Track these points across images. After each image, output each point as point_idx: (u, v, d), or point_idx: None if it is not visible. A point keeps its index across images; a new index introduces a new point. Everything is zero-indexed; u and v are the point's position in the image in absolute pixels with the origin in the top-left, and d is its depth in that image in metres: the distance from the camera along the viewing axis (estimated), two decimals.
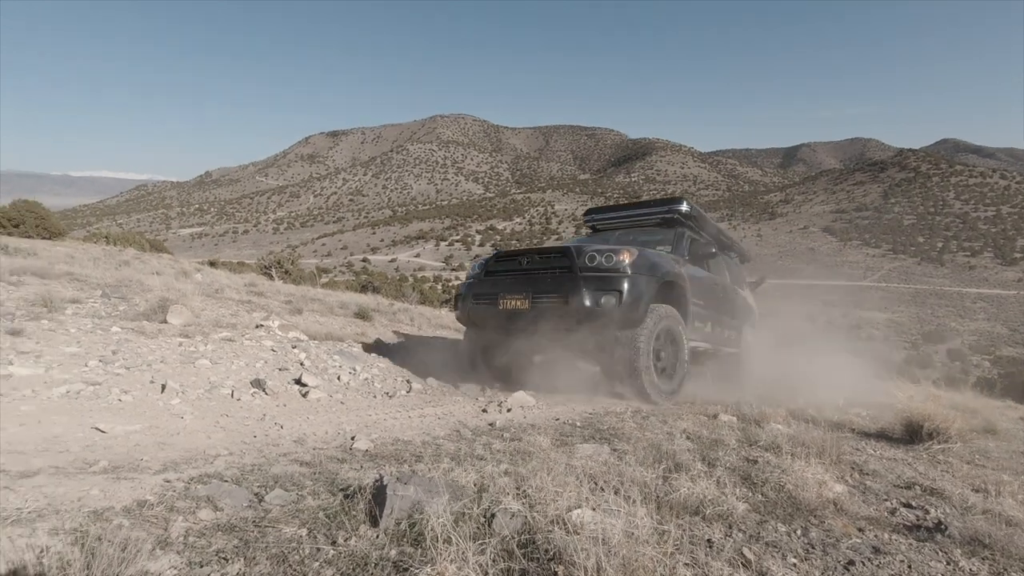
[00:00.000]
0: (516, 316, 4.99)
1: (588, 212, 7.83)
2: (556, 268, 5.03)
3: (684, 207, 6.71)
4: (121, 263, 9.92)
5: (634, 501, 1.87)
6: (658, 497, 2.09)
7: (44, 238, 14.66)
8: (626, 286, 4.67)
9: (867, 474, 2.90)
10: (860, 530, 2.10)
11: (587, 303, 4.65)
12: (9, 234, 14.05)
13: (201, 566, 1.40)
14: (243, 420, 3.01)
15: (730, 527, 1.99)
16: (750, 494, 2.46)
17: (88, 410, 2.91)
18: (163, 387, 3.55)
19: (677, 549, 1.60)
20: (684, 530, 1.76)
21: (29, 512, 1.51)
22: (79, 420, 2.64)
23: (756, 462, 2.98)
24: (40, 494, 1.62)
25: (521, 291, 5.02)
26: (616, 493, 1.95)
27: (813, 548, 1.87)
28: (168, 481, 1.86)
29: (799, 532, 2.04)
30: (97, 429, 2.50)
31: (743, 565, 1.67)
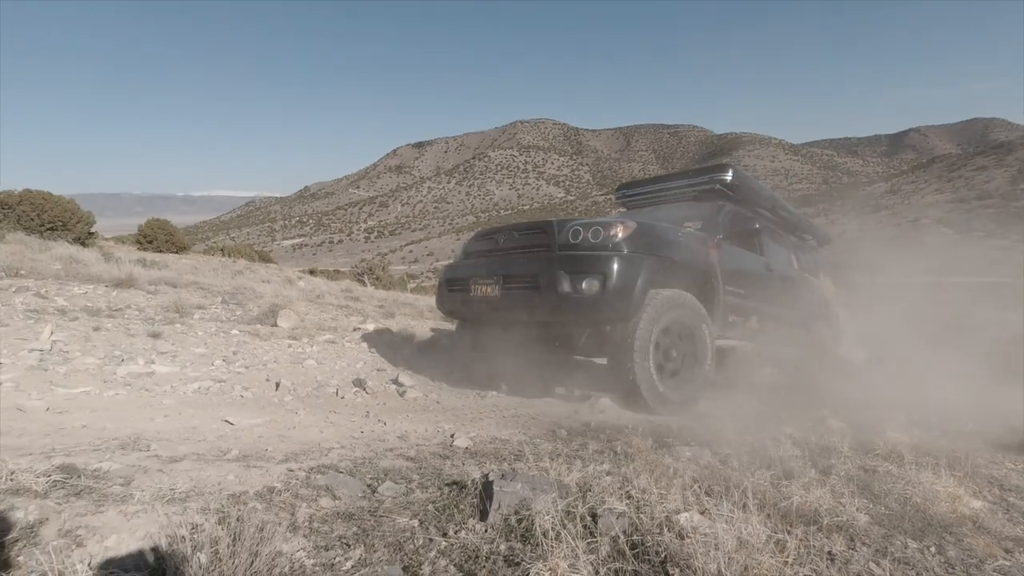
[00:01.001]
0: (487, 304, 4.16)
1: (620, 187, 6.74)
2: (533, 247, 4.13)
3: (728, 176, 5.56)
4: (235, 272, 10.84)
5: (745, 507, 1.79)
6: (769, 504, 1.98)
7: (172, 252, 16.36)
8: (615, 267, 3.69)
9: (1008, 489, 2.61)
10: (1007, 551, 1.89)
11: (563, 288, 3.73)
12: (144, 249, 15.81)
13: (326, 549, 1.50)
14: (349, 416, 3.19)
15: (852, 540, 1.86)
16: (871, 505, 2.29)
17: (217, 404, 3.21)
18: (277, 385, 3.84)
19: (796, 560, 1.52)
20: (801, 540, 1.66)
21: (180, 493, 1.68)
22: (211, 413, 2.91)
23: (875, 471, 2.76)
24: (187, 477, 1.80)
25: (492, 275, 4.15)
26: (724, 499, 1.88)
27: (953, 568, 1.70)
28: (291, 470, 2.00)
29: (933, 550, 1.86)
30: (227, 422, 2.75)
31: None
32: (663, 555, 1.45)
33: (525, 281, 3.94)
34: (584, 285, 3.70)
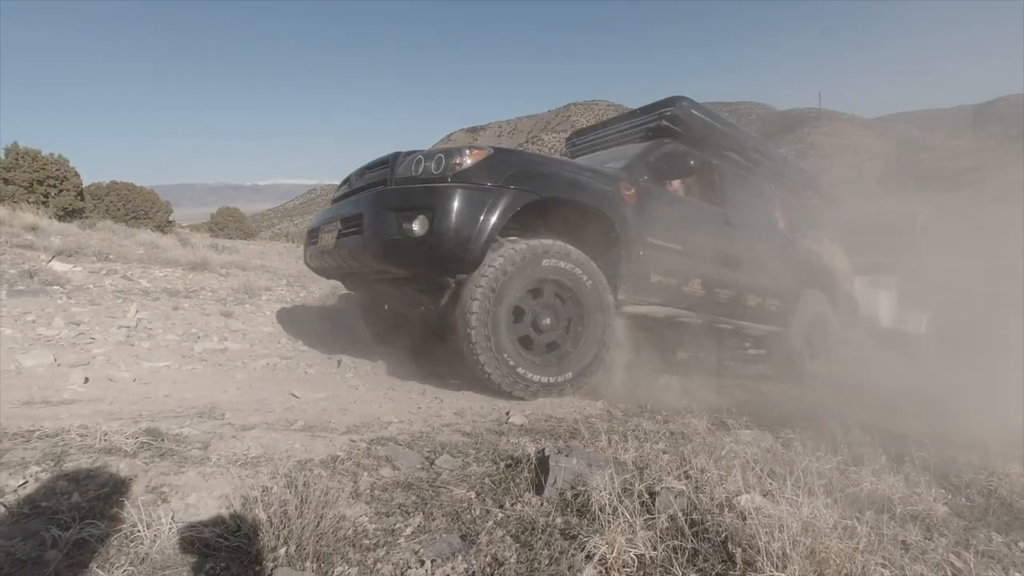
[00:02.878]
0: (328, 257, 3.58)
1: (569, 137, 5.96)
2: (373, 185, 3.43)
3: (673, 110, 4.56)
4: (298, 257, 11.30)
5: (811, 491, 1.72)
6: (836, 490, 1.90)
7: (241, 238, 17.25)
8: (448, 202, 2.92)
9: None
10: None
11: (385, 230, 3.02)
12: (216, 236, 16.75)
13: (387, 516, 1.55)
14: (407, 393, 3.27)
15: (928, 530, 1.76)
16: (950, 496, 2.16)
17: (283, 379, 3.37)
18: (339, 362, 3.99)
19: (868, 547, 1.44)
20: (872, 528, 1.58)
21: (252, 458, 1.78)
22: (278, 387, 3.06)
23: (955, 461, 2.60)
24: (258, 444, 1.90)
25: (331, 221, 3.61)
26: (787, 481, 1.81)
27: None
28: (353, 441, 2.08)
29: (1023, 545, 1.74)
30: (293, 395, 2.88)
31: (952, 574, 1.46)
32: (724, 535, 1.42)
33: (353, 224, 3.29)
34: (409, 225, 2.95)
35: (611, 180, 3.70)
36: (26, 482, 1.41)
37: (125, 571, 1.17)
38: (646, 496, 1.61)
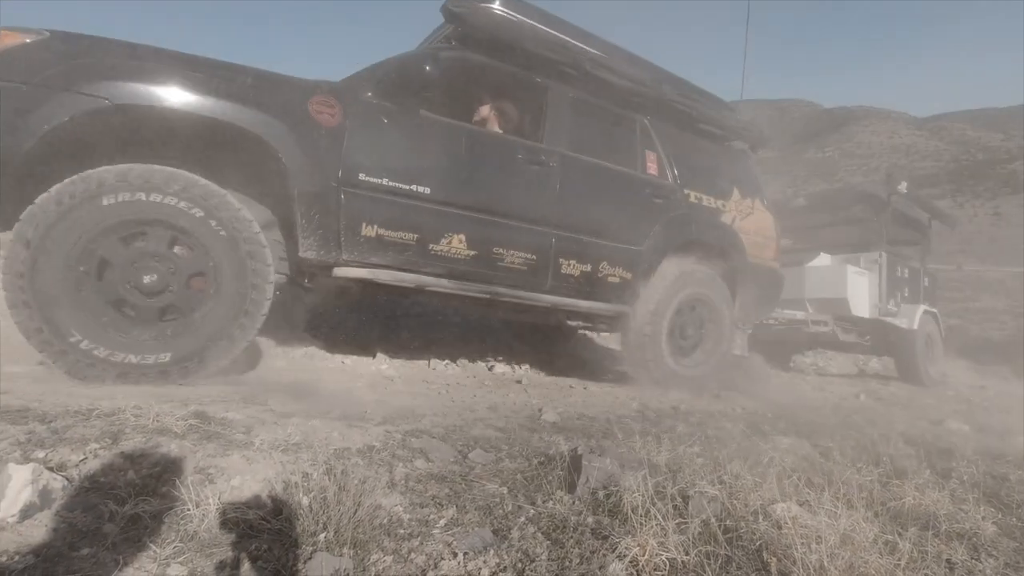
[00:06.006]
0: None
1: None
2: None
3: (457, 4, 3.33)
4: None
5: (850, 503, 1.69)
6: (877, 503, 1.85)
7: None
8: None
9: None
10: None
11: None
12: None
13: (421, 507, 1.59)
14: (442, 385, 3.33)
15: (976, 550, 1.70)
16: (999, 515, 2.07)
17: (333, 369, 3.47)
18: (375, 355, 4.07)
19: (910, 564, 1.41)
20: (915, 544, 1.53)
21: (292, 444, 1.84)
22: (317, 376, 3.15)
23: (1006, 480, 2.49)
24: (298, 431, 1.96)
25: None
26: (825, 492, 1.77)
27: None
28: (388, 432, 2.12)
29: None
30: (331, 384, 2.96)
31: None
32: (758, 543, 1.41)
33: None
34: None
35: (290, 93, 2.80)
36: (86, 458, 1.49)
37: (175, 547, 1.23)
38: (679, 500, 1.61)
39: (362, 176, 2.90)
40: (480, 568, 1.30)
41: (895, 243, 8.48)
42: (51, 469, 1.36)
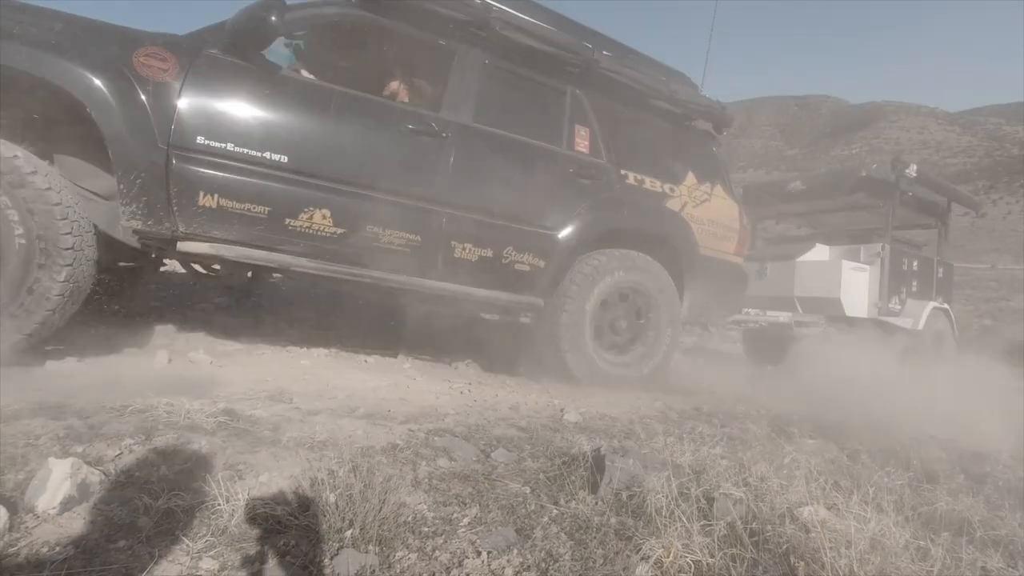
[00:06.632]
0: None
1: None
2: None
3: None
4: None
5: (880, 507, 1.65)
6: (908, 507, 1.81)
7: None
8: None
9: None
10: None
11: None
12: None
13: (445, 505, 1.60)
14: (465, 384, 3.33)
15: (1012, 557, 1.65)
16: None
17: (345, 367, 3.50)
18: (396, 354, 4.11)
19: (943, 571, 1.37)
20: (947, 550, 1.50)
21: (318, 441, 1.87)
22: (341, 375, 3.19)
23: None
24: (323, 429, 2.00)
25: None
26: (854, 495, 1.74)
27: None
28: (411, 431, 2.15)
29: None
30: (354, 383, 3.00)
31: None
32: (785, 546, 1.39)
33: None
34: None
35: (111, 44, 2.52)
36: (121, 453, 1.54)
37: (207, 541, 1.26)
38: (703, 501, 1.59)
39: (200, 140, 2.60)
40: (504, 567, 1.31)
41: (909, 227, 7.76)
42: (89, 464, 1.40)
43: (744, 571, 1.30)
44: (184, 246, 2.68)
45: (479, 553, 1.35)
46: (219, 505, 1.37)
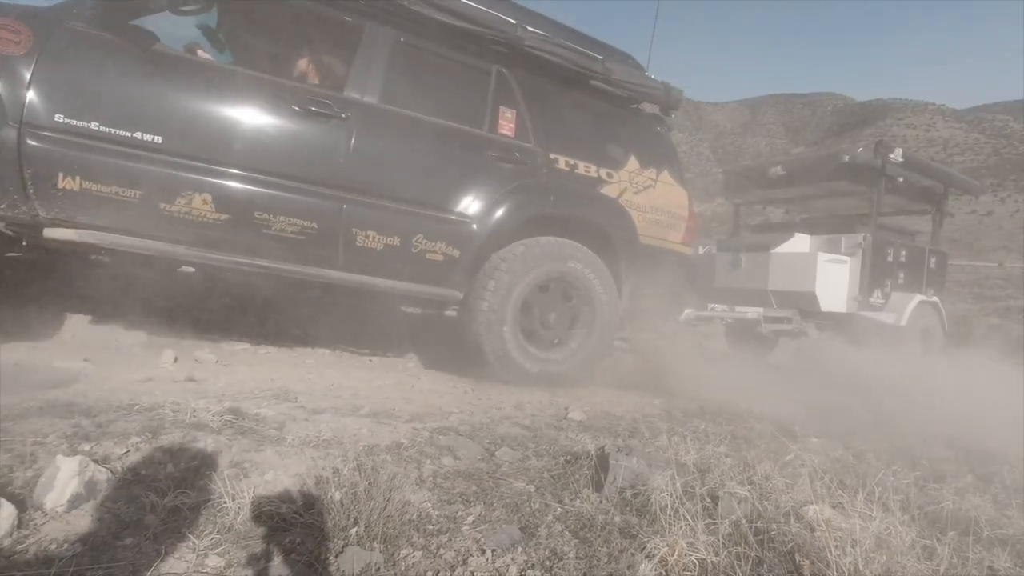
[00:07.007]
0: None
1: None
2: None
3: None
4: None
5: (886, 506, 1.65)
6: (914, 506, 1.80)
7: None
8: None
9: None
10: None
11: None
12: None
13: (449, 504, 1.61)
14: (470, 383, 3.34)
15: (1020, 557, 1.64)
16: None
17: (349, 366, 3.52)
18: (403, 354, 4.12)
19: (949, 570, 1.37)
20: (954, 550, 1.49)
21: (323, 440, 1.88)
22: (345, 373, 3.20)
23: None
24: (328, 427, 2.00)
25: None
26: (859, 494, 1.73)
27: None
28: (416, 429, 2.15)
29: None
30: (359, 382, 3.01)
31: None
32: (790, 545, 1.39)
33: None
34: None
35: None
36: (128, 451, 1.55)
37: (213, 538, 1.27)
38: (707, 500, 1.59)
39: (60, 118, 2.43)
40: (508, 565, 1.31)
41: (904, 213, 7.37)
42: (96, 461, 1.42)
43: (749, 569, 1.29)
44: (50, 233, 2.51)
45: (483, 551, 1.36)
46: (225, 503, 1.38)
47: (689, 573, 1.28)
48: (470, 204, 3.26)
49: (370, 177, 3.04)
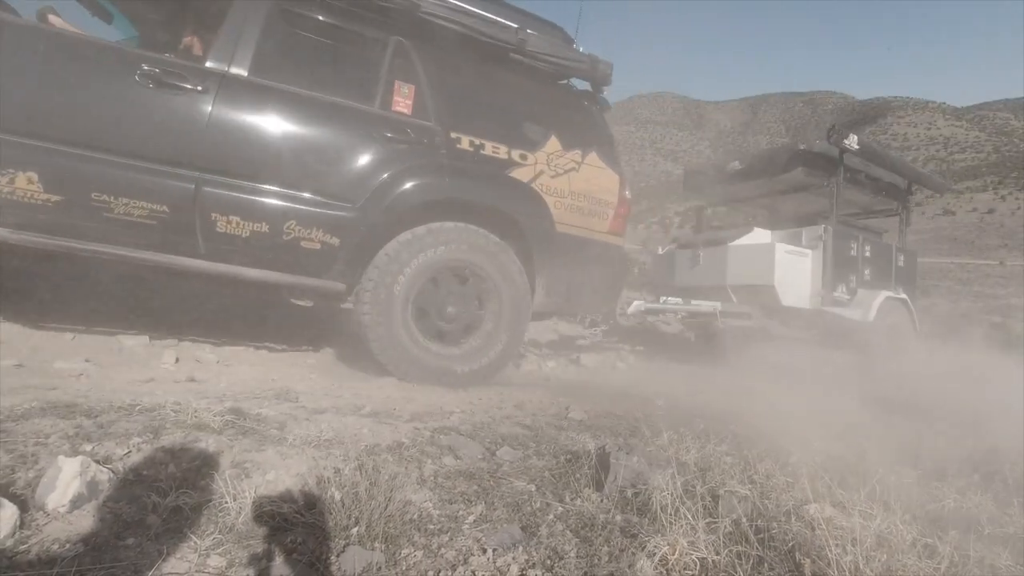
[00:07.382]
0: None
1: None
2: None
3: None
4: None
5: (887, 505, 1.65)
6: (916, 505, 1.81)
7: None
8: None
9: None
10: None
11: None
12: None
13: (450, 503, 1.61)
14: (469, 384, 3.34)
15: (1021, 555, 1.64)
16: None
17: (351, 366, 3.52)
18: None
19: (951, 569, 1.37)
20: (956, 548, 1.49)
21: (324, 440, 1.88)
22: (346, 373, 3.20)
23: None
24: (329, 427, 2.01)
25: None
26: (860, 493, 1.73)
27: None
28: (417, 429, 2.15)
29: None
30: (359, 381, 3.01)
31: None
32: (791, 544, 1.39)
33: None
34: None
35: None
36: (130, 452, 1.55)
37: (215, 538, 1.27)
38: (708, 499, 1.59)
39: None
40: (509, 564, 1.31)
41: (872, 213, 7.17)
42: (98, 462, 1.42)
43: (750, 568, 1.30)
44: None
45: (485, 551, 1.36)
46: (226, 503, 1.38)
47: (690, 572, 1.28)
48: (352, 188, 2.97)
49: (232, 157, 2.75)
